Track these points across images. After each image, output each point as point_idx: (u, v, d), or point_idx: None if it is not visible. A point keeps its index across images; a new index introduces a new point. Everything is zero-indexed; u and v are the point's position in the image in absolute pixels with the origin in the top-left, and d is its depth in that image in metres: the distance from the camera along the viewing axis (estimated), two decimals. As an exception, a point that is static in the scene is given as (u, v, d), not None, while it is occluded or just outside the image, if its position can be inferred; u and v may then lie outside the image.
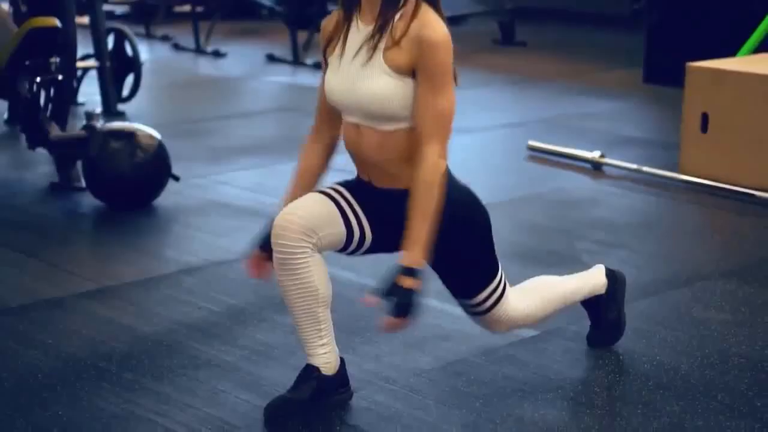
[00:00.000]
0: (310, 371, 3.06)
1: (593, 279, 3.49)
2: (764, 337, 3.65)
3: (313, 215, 2.93)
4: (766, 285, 4.14)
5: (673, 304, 3.95)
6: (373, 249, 3.11)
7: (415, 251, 2.86)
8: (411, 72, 2.88)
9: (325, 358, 3.05)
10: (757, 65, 5.58)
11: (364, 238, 3.03)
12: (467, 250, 3.09)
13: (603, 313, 3.51)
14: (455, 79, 2.95)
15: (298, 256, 2.92)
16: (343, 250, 3.06)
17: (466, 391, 3.25)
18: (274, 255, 2.96)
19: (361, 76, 2.90)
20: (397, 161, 2.95)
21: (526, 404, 3.17)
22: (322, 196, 3.01)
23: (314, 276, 2.95)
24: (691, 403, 3.18)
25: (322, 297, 2.98)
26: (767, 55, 6.05)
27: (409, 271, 2.85)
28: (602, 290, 3.49)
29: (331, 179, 3.13)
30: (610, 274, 3.53)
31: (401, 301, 2.84)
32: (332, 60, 3.00)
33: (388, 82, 2.87)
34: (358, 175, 3.10)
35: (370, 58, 2.88)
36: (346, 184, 3.09)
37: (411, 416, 3.09)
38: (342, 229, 2.98)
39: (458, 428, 3.03)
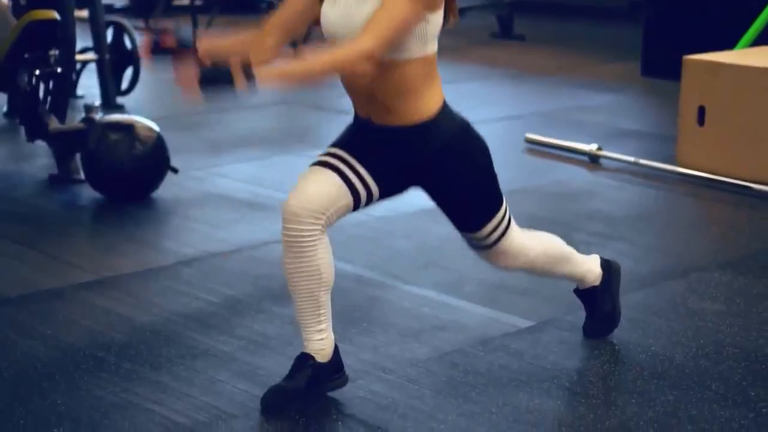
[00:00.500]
0: (304, 360, 3.09)
1: (588, 264, 3.51)
2: (759, 328, 3.67)
3: (321, 197, 2.97)
4: (761, 276, 4.16)
5: (668, 295, 3.97)
6: (382, 198, 3.13)
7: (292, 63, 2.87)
8: None
9: (321, 344, 3.09)
10: (754, 58, 5.60)
11: (371, 195, 3.07)
12: (469, 184, 3.09)
13: (598, 304, 3.53)
14: (449, 11, 2.96)
15: (307, 239, 2.98)
16: (354, 210, 3.10)
17: (462, 381, 3.27)
18: (283, 238, 3.00)
19: (358, 5, 2.90)
20: (394, 94, 2.95)
21: (522, 394, 3.20)
22: (324, 170, 3.02)
23: (320, 260, 3.00)
24: (686, 393, 3.20)
25: (325, 281, 3.03)
26: (764, 48, 6.06)
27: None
28: (597, 281, 3.51)
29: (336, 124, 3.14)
30: (606, 265, 3.55)
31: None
32: None
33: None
34: (355, 113, 3.11)
35: None
36: (343, 143, 3.09)
37: (408, 406, 3.11)
38: (349, 199, 3.02)
39: (454, 417, 3.05)
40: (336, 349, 3.15)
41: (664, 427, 2.99)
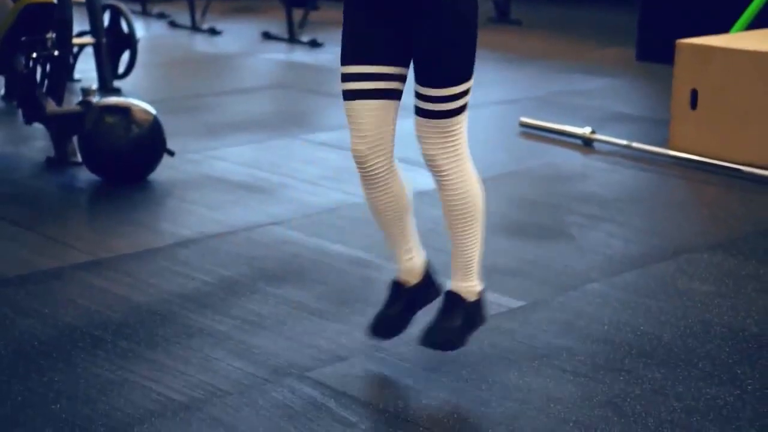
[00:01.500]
0: (398, 287, 3.32)
1: (478, 274, 3.31)
2: (746, 308, 3.73)
3: (376, 134, 3.08)
4: (751, 257, 4.21)
5: (658, 276, 4.02)
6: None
7: None
8: None
9: (410, 264, 3.30)
10: (745, 42, 5.64)
11: (405, 78, 3.12)
12: (452, 34, 3.01)
13: (457, 316, 3.24)
14: None
15: (381, 173, 3.13)
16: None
17: (453, 360, 3.32)
18: (360, 176, 3.16)
19: None
20: None
21: (512, 372, 3.25)
22: (370, 103, 3.06)
23: (395, 187, 3.18)
24: (673, 371, 3.25)
25: (404, 204, 3.22)
26: (756, 32, 6.10)
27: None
28: (472, 297, 3.25)
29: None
30: (481, 302, 3.31)
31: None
32: None
33: None
34: None
35: None
36: (354, 55, 3.06)
37: (399, 383, 3.17)
38: (394, 112, 3.11)
39: (445, 394, 3.10)
40: (427, 269, 3.35)
41: (651, 404, 3.04)
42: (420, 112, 3.08)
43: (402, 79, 3.11)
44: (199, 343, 3.43)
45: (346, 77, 3.09)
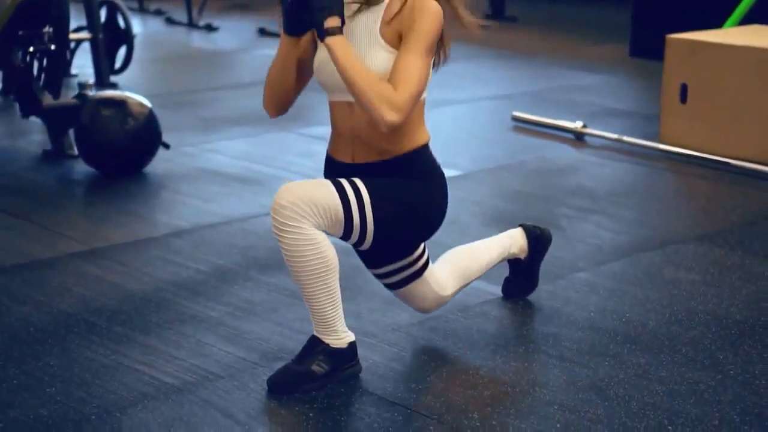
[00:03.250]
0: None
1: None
2: (731, 296, 3.79)
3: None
4: (737, 248, 4.27)
5: (645, 266, 4.08)
6: None
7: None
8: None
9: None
10: (734, 37, 5.70)
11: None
12: (405, 201, 3.06)
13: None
14: (441, 54, 3.10)
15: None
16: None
17: (441, 345, 3.38)
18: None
19: (359, 53, 2.98)
20: (389, 137, 3.03)
21: (498, 357, 3.31)
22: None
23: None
24: (657, 356, 3.31)
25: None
26: (746, 27, 6.17)
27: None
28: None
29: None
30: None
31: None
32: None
33: (387, 58, 2.98)
34: (330, 157, 3.17)
35: (367, 35, 2.98)
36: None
37: (387, 367, 3.23)
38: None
39: (432, 378, 3.16)
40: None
41: (634, 388, 3.10)
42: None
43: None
44: (192, 329, 3.49)
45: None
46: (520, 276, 3.70)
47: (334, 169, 3.17)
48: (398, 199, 3.05)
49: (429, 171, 3.13)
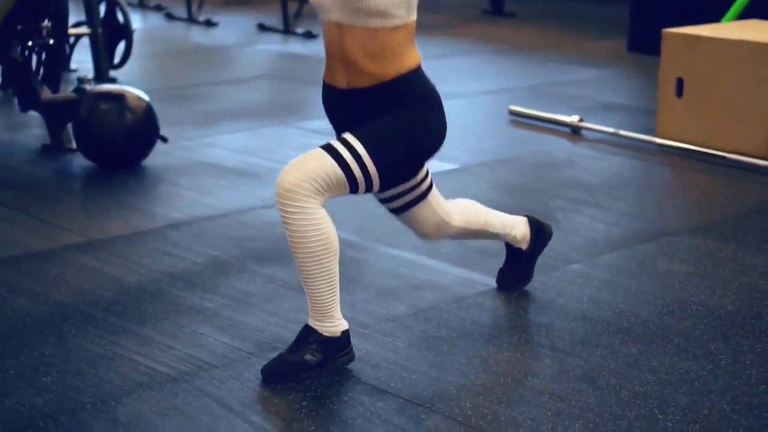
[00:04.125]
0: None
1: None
2: (723, 287, 3.81)
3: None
4: (730, 240, 4.30)
5: (639, 258, 4.11)
6: None
7: None
8: None
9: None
10: (730, 31, 5.72)
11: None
12: (399, 135, 3.10)
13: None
14: None
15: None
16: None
17: (434, 335, 3.41)
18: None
19: None
20: (379, 58, 3.06)
21: (491, 347, 3.34)
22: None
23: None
24: (648, 346, 3.34)
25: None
26: (742, 22, 6.19)
27: None
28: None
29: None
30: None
31: None
32: None
33: None
34: (326, 84, 3.19)
35: None
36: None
37: (381, 357, 3.25)
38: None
39: (425, 368, 3.19)
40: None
41: (625, 377, 3.13)
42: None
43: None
44: (188, 319, 3.51)
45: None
46: (516, 264, 3.72)
47: (331, 97, 3.20)
48: (393, 136, 3.09)
49: (424, 93, 3.15)
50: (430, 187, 3.38)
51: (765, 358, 3.26)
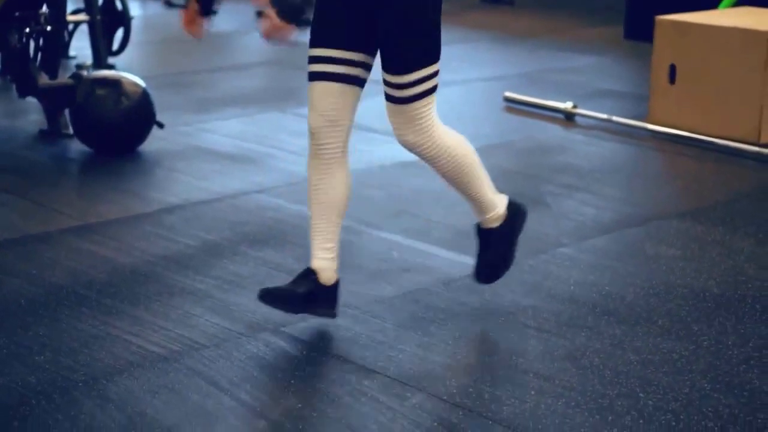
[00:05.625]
0: (308, 272, 3.31)
1: (495, 198, 3.51)
2: (709, 270, 3.86)
3: (333, 114, 3.24)
4: (718, 224, 4.35)
5: (627, 241, 4.16)
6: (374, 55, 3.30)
7: None
8: None
9: (324, 263, 3.31)
10: (723, 18, 5.76)
11: (368, 66, 3.27)
12: (408, 23, 3.16)
13: (492, 246, 3.53)
14: None
15: (330, 153, 3.26)
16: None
17: (422, 316, 3.46)
18: (312, 152, 3.28)
19: None
20: None
21: (478, 327, 3.39)
22: (331, 85, 3.24)
23: (340, 177, 3.28)
24: (633, 327, 3.39)
25: (342, 201, 3.31)
26: (737, 9, 6.23)
27: None
28: (497, 222, 3.50)
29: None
30: (513, 209, 3.56)
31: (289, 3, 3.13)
32: None
33: None
34: None
35: None
36: (321, 39, 3.27)
37: (369, 337, 3.31)
38: (354, 98, 3.26)
39: (412, 347, 3.24)
40: (336, 284, 3.34)
41: (609, 357, 3.18)
42: (387, 97, 3.26)
43: (366, 67, 3.26)
44: (180, 301, 3.57)
45: (312, 59, 3.28)
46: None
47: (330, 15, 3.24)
48: (418, 35, 3.19)
49: None
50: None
51: (747, 339, 3.31)
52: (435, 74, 3.25)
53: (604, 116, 5.90)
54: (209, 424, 2.81)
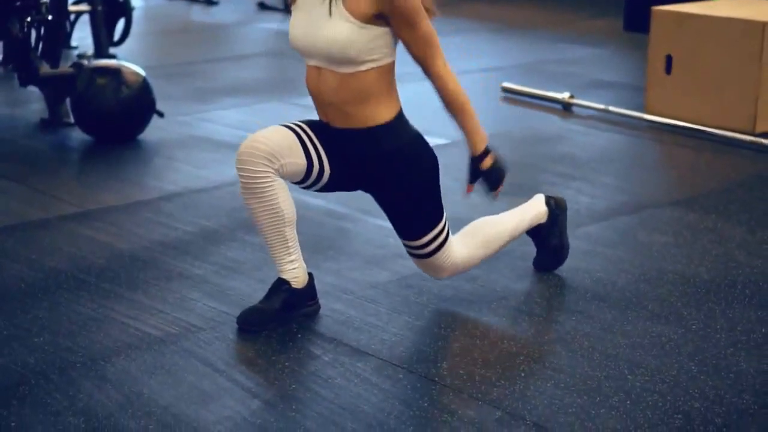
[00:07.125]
0: (280, 284, 3.32)
1: (533, 210, 3.70)
2: (701, 257, 3.91)
3: (276, 144, 3.20)
4: (711, 212, 4.39)
5: (620, 229, 4.21)
6: (330, 186, 3.35)
7: (476, 139, 3.36)
8: (375, 19, 3.10)
9: (294, 272, 3.32)
10: (719, 9, 5.81)
11: (323, 172, 3.28)
12: (413, 192, 3.30)
13: (545, 238, 3.73)
14: (429, 11, 3.22)
15: (262, 180, 3.19)
16: (302, 182, 3.32)
17: (416, 301, 3.51)
18: (240, 180, 3.22)
19: (323, 23, 3.12)
20: (353, 102, 3.19)
21: (470, 312, 3.44)
22: (286, 129, 3.26)
23: (279, 198, 3.22)
24: (623, 312, 3.44)
25: (287, 217, 3.25)
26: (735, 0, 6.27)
27: (484, 154, 3.35)
28: (543, 218, 3.71)
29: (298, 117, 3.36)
30: (551, 202, 3.74)
31: (492, 177, 3.38)
32: (296, 8, 3.23)
33: (349, 29, 3.09)
34: (318, 117, 3.35)
35: (330, 5, 3.10)
36: (310, 123, 3.33)
37: (363, 321, 3.36)
38: (303, 161, 3.24)
39: (405, 331, 3.29)
40: (311, 278, 3.38)
41: (599, 341, 3.23)
42: (408, 253, 3.46)
43: (321, 165, 3.27)
44: (177, 285, 3.62)
45: (296, 123, 3.30)
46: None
47: (322, 128, 3.29)
48: (421, 208, 3.33)
49: (412, 136, 3.29)
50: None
51: (735, 324, 3.36)
52: (444, 226, 3.39)
53: (602, 106, 5.94)
54: (205, 404, 2.86)
